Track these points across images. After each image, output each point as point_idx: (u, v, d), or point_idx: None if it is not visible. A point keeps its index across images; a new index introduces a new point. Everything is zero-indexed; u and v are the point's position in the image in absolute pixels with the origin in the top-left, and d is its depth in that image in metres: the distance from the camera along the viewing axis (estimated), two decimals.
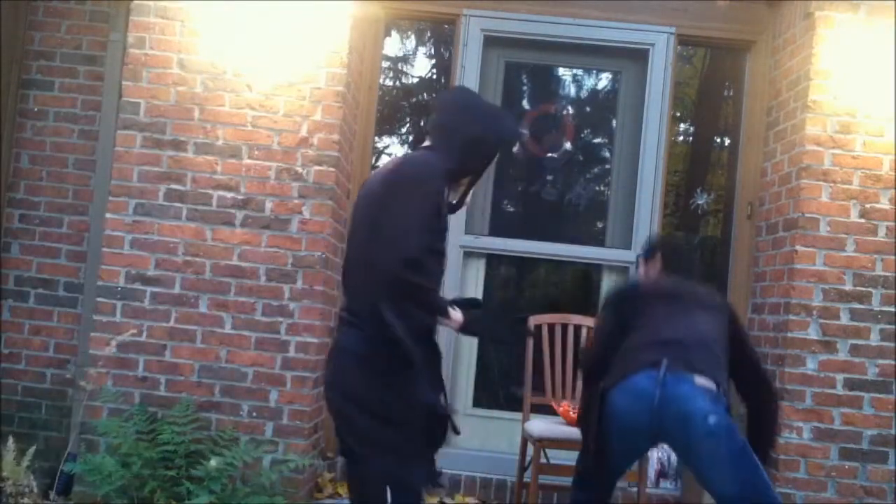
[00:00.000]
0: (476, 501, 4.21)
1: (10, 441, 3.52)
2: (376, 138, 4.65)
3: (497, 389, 4.90)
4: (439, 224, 2.51)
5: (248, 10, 4.04)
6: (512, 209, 5.06)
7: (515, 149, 2.71)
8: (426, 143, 2.70)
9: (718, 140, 6.66)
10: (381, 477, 2.52)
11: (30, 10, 4.51)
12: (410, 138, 7.03)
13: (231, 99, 4.03)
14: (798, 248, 3.98)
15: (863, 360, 3.96)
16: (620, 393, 2.88)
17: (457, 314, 2.55)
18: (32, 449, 3.64)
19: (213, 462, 3.59)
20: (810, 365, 3.95)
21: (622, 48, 4.59)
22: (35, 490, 3.62)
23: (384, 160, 5.77)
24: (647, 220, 4.45)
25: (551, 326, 4.12)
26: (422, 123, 6.77)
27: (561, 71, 5.09)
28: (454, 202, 2.68)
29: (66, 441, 4.14)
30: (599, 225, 4.69)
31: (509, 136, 2.77)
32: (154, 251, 3.99)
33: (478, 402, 4.59)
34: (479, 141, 2.61)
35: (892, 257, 3.99)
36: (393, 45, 5.82)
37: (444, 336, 4.38)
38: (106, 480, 3.60)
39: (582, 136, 5.13)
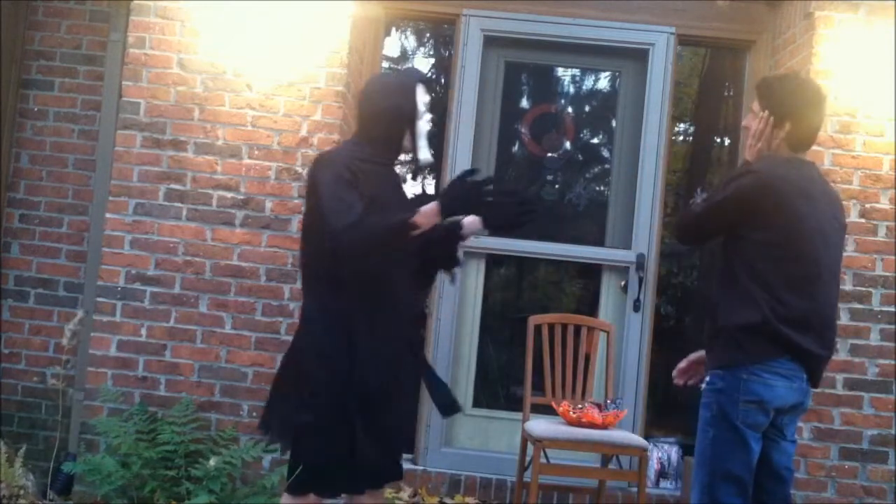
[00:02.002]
0: (476, 501, 4.21)
1: (2, 443, 3.51)
2: None
3: (497, 389, 4.89)
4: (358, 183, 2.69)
5: (248, 10, 4.05)
6: None
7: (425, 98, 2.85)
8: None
9: (718, 140, 6.65)
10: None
11: (30, 10, 4.52)
12: None
13: (231, 99, 4.03)
14: None
15: (863, 360, 3.96)
16: (772, 377, 2.71)
17: (421, 216, 2.59)
18: (23, 449, 3.63)
19: (213, 462, 3.59)
20: None
21: (622, 48, 4.58)
22: (32, 490, 3.61)
23: None
24: (647, 220, 4.45)
25: (551, 326, 4.11)
26: None
27: (561, 71, 5.09)
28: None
29: (66, 441, 4.14)
30: (599, 225, 4.68)
31: (395, 100, 2.82)
32: (154, 251, 4.00)
33: (478, 402, 4.58)
34: (372, 116, 2.83)
35: (892, 257, 3.99)
36: (393, 45, 5.81)
37: (445, 336, 4.42)
38: (106, 480, 3.60)
39: (582, 135, 5.12)
